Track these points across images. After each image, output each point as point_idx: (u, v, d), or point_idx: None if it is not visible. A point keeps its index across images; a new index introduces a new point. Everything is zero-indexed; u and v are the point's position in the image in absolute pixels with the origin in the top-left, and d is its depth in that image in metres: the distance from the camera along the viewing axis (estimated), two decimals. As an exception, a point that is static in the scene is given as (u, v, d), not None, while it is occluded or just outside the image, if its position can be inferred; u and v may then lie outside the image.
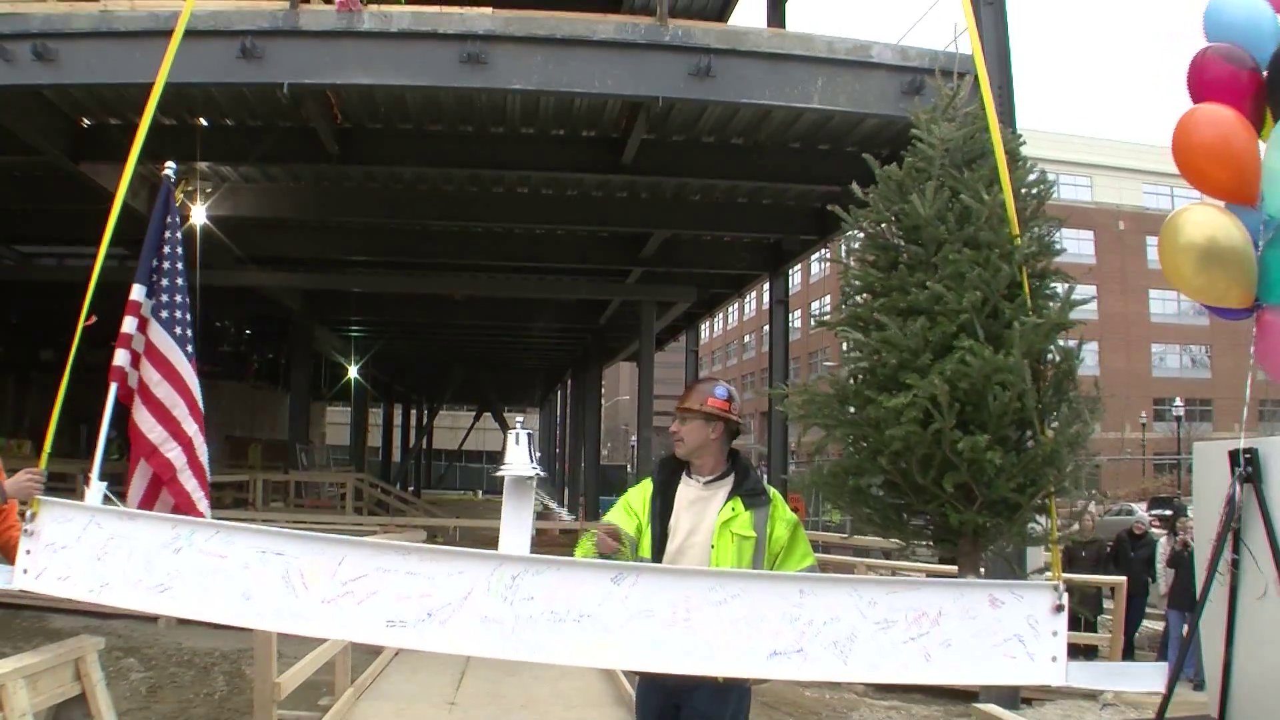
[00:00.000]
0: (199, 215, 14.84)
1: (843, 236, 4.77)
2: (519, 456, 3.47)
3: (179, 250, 4.26)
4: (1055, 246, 4.33)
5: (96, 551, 3.37)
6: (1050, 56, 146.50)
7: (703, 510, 3.99)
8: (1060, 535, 3.99)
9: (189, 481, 4.20)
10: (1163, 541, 13.34)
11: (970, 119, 4.47)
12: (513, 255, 20.36)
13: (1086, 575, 12.47)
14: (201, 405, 4.32)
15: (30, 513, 3.46)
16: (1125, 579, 12.31)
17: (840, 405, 4.32)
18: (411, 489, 43.46)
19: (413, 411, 54.41)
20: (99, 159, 13.29)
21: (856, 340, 4.27)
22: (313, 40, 10.27)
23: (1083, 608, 10.96)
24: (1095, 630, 13.05)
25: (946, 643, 3.18)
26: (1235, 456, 4.30)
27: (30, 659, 4.95)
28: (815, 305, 57.55)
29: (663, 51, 10.42)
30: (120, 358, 4.02)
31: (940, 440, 3.86)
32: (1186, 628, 9.49)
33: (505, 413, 48.16)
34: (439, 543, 10.04)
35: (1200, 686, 8.43)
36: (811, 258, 30.03)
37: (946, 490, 3.92)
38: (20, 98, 11.46)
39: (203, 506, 4.18)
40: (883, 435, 3.97)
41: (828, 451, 4.68)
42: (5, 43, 9.81)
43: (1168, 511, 23.95)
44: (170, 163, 4.23)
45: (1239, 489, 4.27)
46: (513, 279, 23.57)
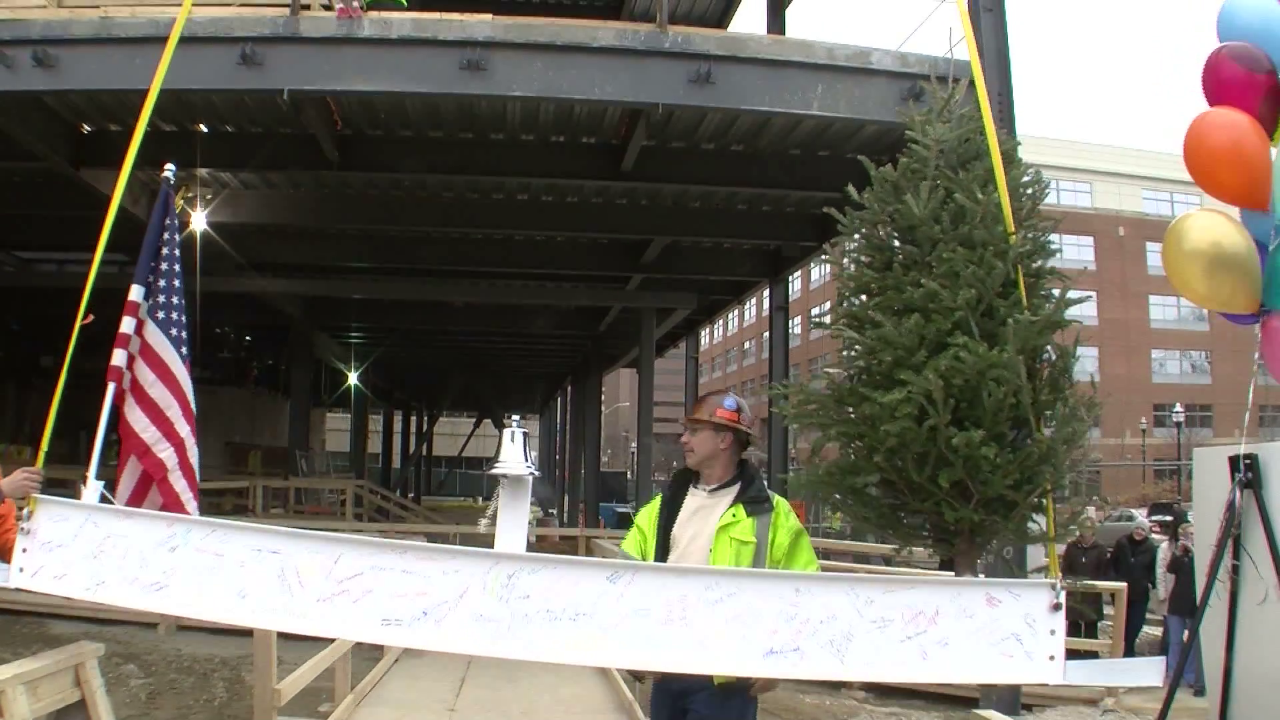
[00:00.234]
0: (199, 221, 14.85)
1: (839, 238, 4.75)
2: (514, 455, 3.48)
3: (177, 252, 4.26)
4: (1050, 246, 4.33)
5: (93, 550, 3.37)
6: (1050, 63, 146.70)
7: (706, 517, 4.05)
8: (1058, 534, 3.99)
9: (179, 482, 4.20)
10: (1163, 547, 13.34)
11: (965, 120, 4.48)
12: (513, 262, 20.36)
13: (1087, 581, 12.48)
14: (194, 407, 4.32)
15: (27, 511, 3.46)
16: (1125, 585, 12.31)
17: (836, 404, 4.33)
18: (411, 495, 43.47)
19: (413, 418, 54.41)
20: (99, 165, 13.30)
21: (852, 339, 4.28)
22: (313, 47, 10.28)
23: (1083, 605, 10.94)
24: (1096, 636, 13.05)
25: (944, 641, 3.18)
26: (1235, 462, 4.30)
27: (30, 665, 4.95)
28: (815, 311, 57.55)
29: (662, 58, 10.42)
30: (118, 358, 4.03)
31: (935, 436, 3.87)
32: (1187, 633, 9.50)
33: (505, 419, 48.13)
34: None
35: (1201, 692, 8.45)
36: (811, 264, 30.05)
37: (942, 487, 3.92)
38: (21, 104, 11.47)
39: (191, 507, 4.18)
40: (878, 433, 3.97)
41: (824, 454, 4.67)
42: (6, 49, 9.82)
43: (1168, 517, 23.91)
44: (169, 165, 4.23)
45: (1239, 495, 4.27)
46: (513, 285, 23.58)
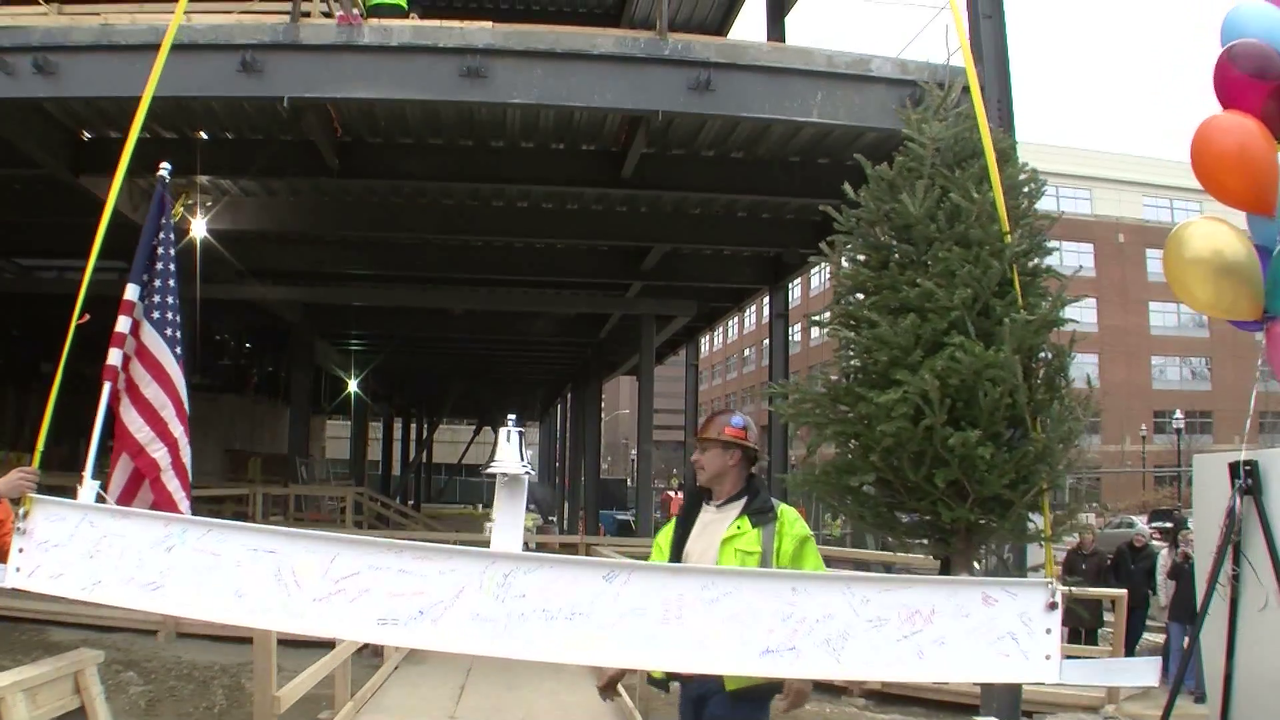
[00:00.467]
0: (199, 228, 14.86)
1: (835, 236, 4.75)
2: (510, 454, 3.48)
3: (172, 251, 4.27)
4: (1047, 244, 4.33)
5: (89, 549, 3.37)
6: (1050, 69, 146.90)
7: (714, 531, 4.20)
8: (1054, 533, 4.00)
9: (171, 482, 4.20)
10: (1163, 554, 13.34)
11: (961, 119, 4.48)
12: (513, 269, 20.36)
13: (1087, 588, 12.47)
14: (188, 406, 4.33)
15: (23, 511, 3.46)
16: (1126, 591, 12.33)
17: (832, 404, 4.35)
18: (411, 503, 43.43)
19: (413, 425, 54.40)
20: (99, 172, 13.30)
21: (848, 338, 4.30)
22: (313, 54, 10.29)
23: (1076, 605, 10.93)
24: (1096, 643, 13.03)
25: (940, 640, 3.18)
26: (1235, 469, 4.30)
27: (30, 672, 4.95)
28: (815, 317, 57.50)
29: (662, 65, 10.43)
30: (113, 357, 4.03)
31: (932, 436, 3.87)
32: (1187, 640, 9.48)
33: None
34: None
35: (1202, 699, 8.43)
36: (811, 271, 30.06)
37: (938, 487, 3.92)
38: (21, 110, 11.49)
39: (184, 507, 4.18)
40: (874, 432, 3.98)
41: (821, 455, 4.69)
42: (6, 55, 9.83)
43: (1168, 524, 23.93)
44: (164, 164, 4.23)
45: (1239, 501, 4.28)
46: (513, 293, 23.58)
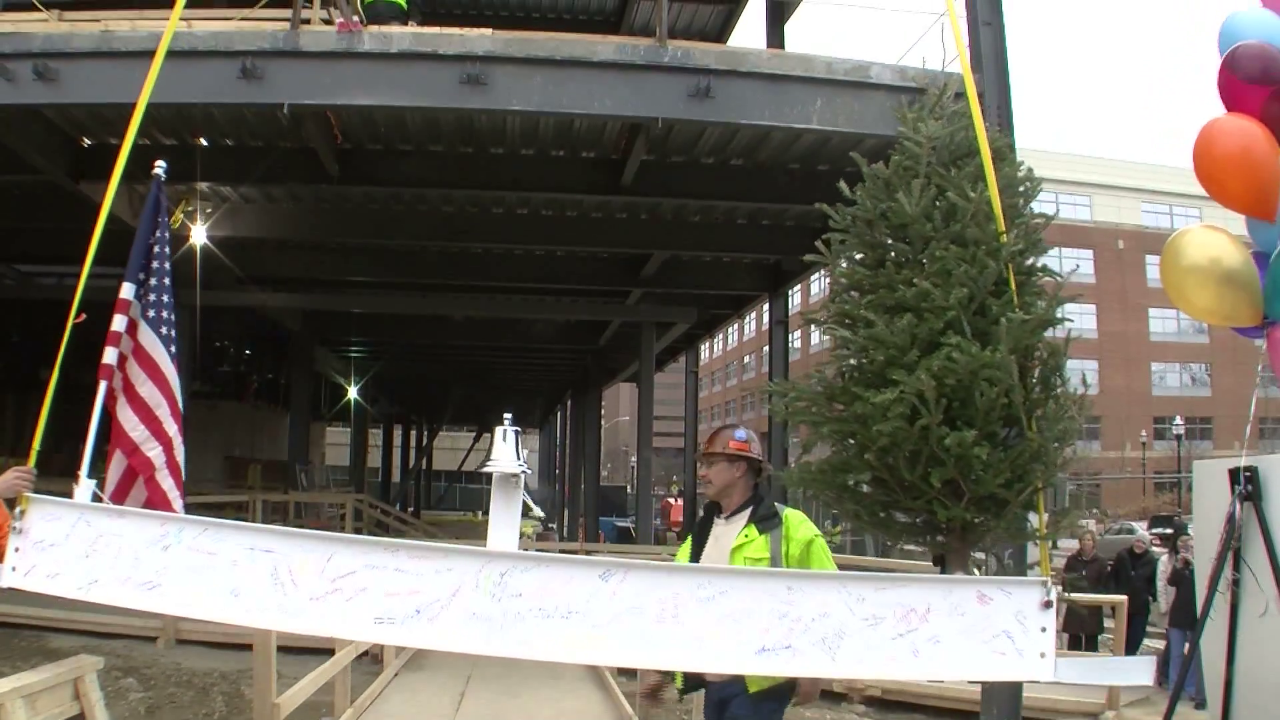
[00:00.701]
0: (199, 235, 14.88)
1: (831, 234, 4.76)
2: (505, 453, 3.49)
3: (167, 250, 4.29)
4: (1043, 244, 4.34)
5: (85, 549, 3.37)
6: (1049, 76, 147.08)
7: (725, 543, 4.29)
8: (1049, 532, 4.00)
9: (165, 480, 4.22)
10: (1164, 560, 13.34)
11: (957, 118, 4.49)
12: (513, 276, 20.38)
13: (1088, 594, 12.48)
14: (182, 406, 4.34)
15: (19, 510, 3.46)
16: (1126, 597, 12.33)
17: (827, 402, 4.36)
18: (411, 510, 43.46)
19: (412, 432, 54.40)
20: (99, 178, 13.26)
21: (844, 337, 4.31)
22: (313, 61, 10.30)
23: (1068, 598, 10.96)
24: (1097, 649, 13.04)
25: (935, 639, 3.19)
26: (1235, 475, 4.30)
27: (29, 678, 4.96)
28: (814, 326, 57.51)
29: (662, 72, 10.43)
30: (109, 356, 4.05)
31: (927, 436, 3.88)
32: (1188, 646, 9.48)
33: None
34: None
35: (1202, 705, 8.41)
36: (811, 278, 30.06)
37: (934, 486, 3.93)
38: (21, 117, 11.50)
39: (178, 505, 4.20)
40: (870, 431, 3.98)
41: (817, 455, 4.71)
42: (6, 62, 9.85)
43: (1169, 530, 23.93)
44: (160, 162, 4.23)
45: (1239, 507, 4.28)
46: (513, 300, 23.60)
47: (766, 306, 21.16)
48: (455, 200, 16.30)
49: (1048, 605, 3.24)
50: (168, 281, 4.29)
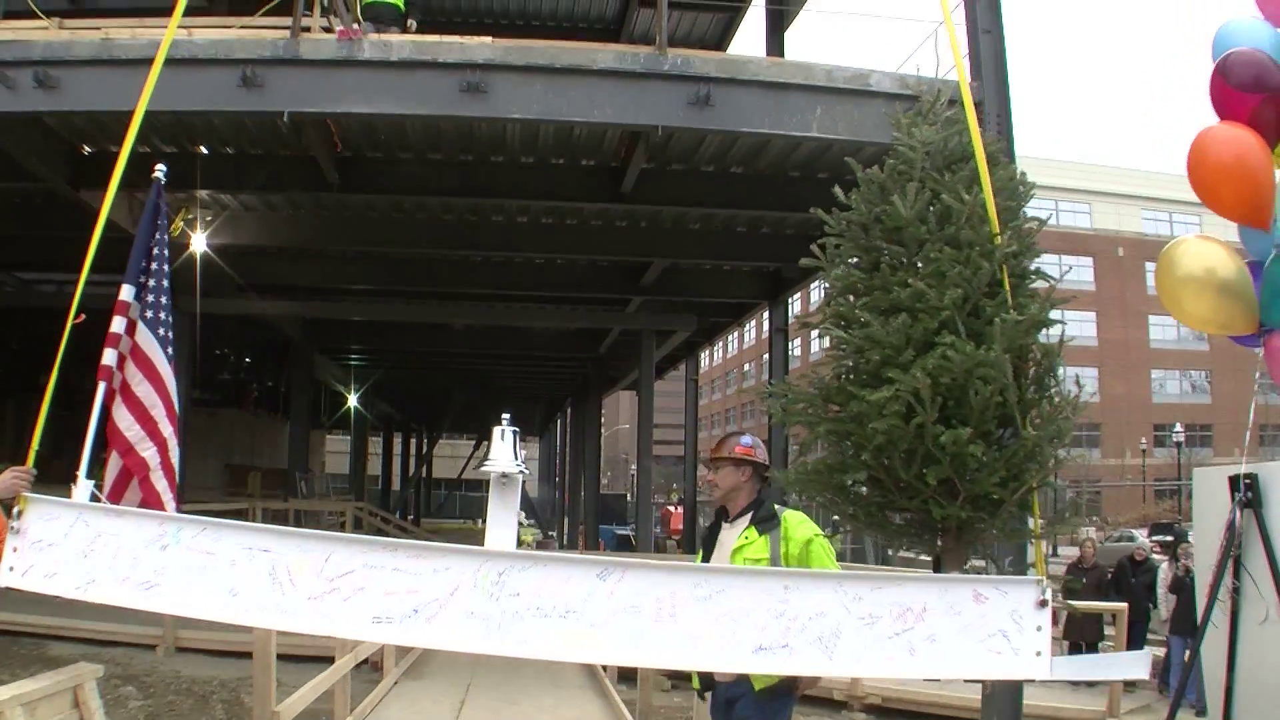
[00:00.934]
0: (199, 243, 14.90)
1: (826, 238, 4.78)
2: (504, 453, 3.48)
3: (166, 252, 4.31)
4: (1036, 246, 4.36)
5: (83, 549, 3.37)
6: (1049, 84, 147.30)
7: (729, 545, 4.41)
8: (1044, 532, 4.00)
9: (160, 481, 4.23)
10: (1164, 567, 13.33)
11: (951, 123, 4.51)
12: (513, 284, 20.39)
13: (1088, 602, 12.47)
14: (178, 407, 4.35)
15: (17, 510, 3.46)
16: (1126, 605, 12.33)
17: (823, 403, 4.38)
18: (411, 518, 43.43)
19: (412, 440, 54.39)
20: (99, 186, 13.23)
21: (840, 337, 4.33)
22: (313, 69, 10.32)
23: (1068, 605, 10.98)
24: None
25: (931, 638, 3.20)
26: (1235, 482, 4.30)
27: (28, 686, 4.94)
28: (815, 333, 57.51)
29: (662, 80, 10.44)
30: (108, 357, 4.06)
31: (923, 434, 3.89)
32: (1188, 653, 9.47)
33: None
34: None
35: (1203, 712, 8.42)
36: (811, 286, 30.07)
37: (929, 485, 3.94)
38: (21, 124, 11.53)
39: (171, 506, 4.20)
40: (866, 431, 4.01)
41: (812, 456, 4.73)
42: (7, 69, 9.87)
43: (1169, 537, 23.90)
44: (160, 165, 4.25)
45: (1239, 514, 4.28)
46: (513, 308, 23.61)
47: (766, 314, 21.17)
48: (455, 208, 16.32)
49: (1043, 604, 3.25)
50: (166, 283, 4.31)
